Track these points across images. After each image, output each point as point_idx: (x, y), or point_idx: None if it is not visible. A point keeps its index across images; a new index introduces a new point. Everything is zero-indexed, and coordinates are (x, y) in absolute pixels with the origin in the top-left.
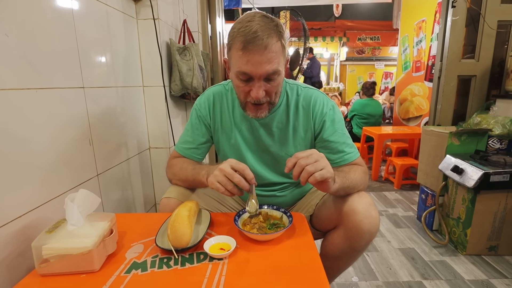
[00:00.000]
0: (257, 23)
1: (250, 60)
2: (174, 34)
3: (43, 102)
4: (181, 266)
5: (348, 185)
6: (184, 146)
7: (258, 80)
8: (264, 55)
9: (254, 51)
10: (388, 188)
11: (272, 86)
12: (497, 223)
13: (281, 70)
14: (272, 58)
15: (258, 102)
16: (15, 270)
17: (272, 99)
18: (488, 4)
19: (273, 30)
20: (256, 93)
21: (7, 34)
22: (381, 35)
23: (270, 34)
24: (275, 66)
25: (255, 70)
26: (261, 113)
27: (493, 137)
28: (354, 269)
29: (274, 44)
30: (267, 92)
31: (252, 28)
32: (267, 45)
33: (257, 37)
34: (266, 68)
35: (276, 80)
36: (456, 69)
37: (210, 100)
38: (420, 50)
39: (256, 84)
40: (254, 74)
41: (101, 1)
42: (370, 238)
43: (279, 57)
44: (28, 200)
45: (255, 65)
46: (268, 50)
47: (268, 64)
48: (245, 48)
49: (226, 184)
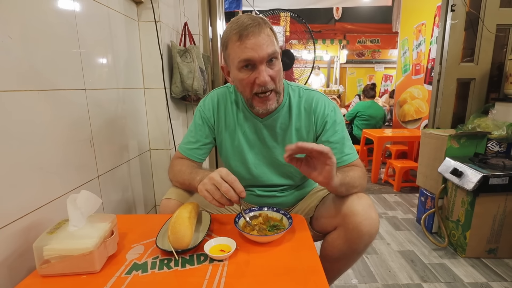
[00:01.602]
0: (246, 18)
1: (247, 45)
2: (175, 36)
3: (45, 103)
4: (182, 267)
5: (348, 181)
6: (186, 147)
7: (260, 63)
8: (261, 38)
9: (250, 36)
10: (387, 191)
11: (274, 71)
12: (496, 226)
13: (278, 53)
14: (268, 41)
15: (265, 90)
16: (16, 271)
17: (277, 87)
18: (487, 8)
19: (261, 19)
20: (262, 77)
21: (10, 36)
22: (381, 38)
23: (260, 23)
24: (273, 48)
25: (256, 53)
26: (270, 104)
27: (492, 140)
28: (353, 271)
29: (266, 30)
30: (271, 78)
31: (243, 21)
32: (260, 30)
33: (250, 25)
34: (266, 50)
35: (276, 64)
36: (455, 72)
37: (214, 101)
38: (420, 53)
39: (260, 68)
40: (255, 58)
41: (103, 4)
42: (369, 239)
43: (274, 40)
44: (30, 201)
45: (255, 49)
46: (262, 33)
47: (266, 46)
48: (241, 36)
49: (214, 193)
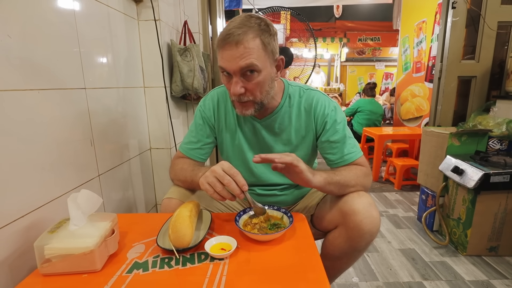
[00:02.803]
0: (236, 23)
1: (223, 55)
2: (175, 35)
3: (46, 102)
4: (182, 266)
5: (337, 180)
6: (188, 147)
7: (234, 75)
8: (235, 50)
9: (227, 47)
10: (388, 189)
11: (251, 84)
12: (498, 224)
13: (259, 67)
14: (245, 54)
15: (239, 100)
16: (17, 270)
17: (256, 99)
18: (488, 5)
19: (251, 27)
20: (233, 89)
21: (9, 35)
22: (382, 36)
23: (245, 31)
24: (249, 61)
25: (229, 65)
26: (245, 110)
27: (493, 138)
28: (354, 270)
29: (249, 40)
30: (247, 90)
31: (228, 27)
32: (238, 41)
33: (230, 34)
34: (238, 63)
35: (255, 77)
36: (456, 70)
37: (214, 101)
38: (421, 51)
39: (233, 80)
40: (228, 69)
41: (102, 3)
42: (370, 238)
43: (256, 53)
44: (30, 200)
45: (228, 60)
46: (239, 45)
47: (240, 59)
48: (220, 45)
49: (215, 185)
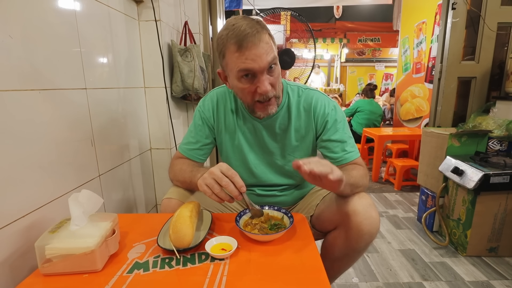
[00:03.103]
0: (242, 23)
1: (248, 56)
2: (175, 35)
3: (46, 103)
4: (183, 266)
5: (352, 182)
6: (187, 147)
7: (261, 73)
8: (261, 47)
9: (250, 46)
10: (388, 189)
11: (274, 78)
12: (497, 225)
13: (277, 59)
14: (268, 49)
15: (266, 97)
16: (18, 270)
17: (277, 92)
18: (488, 6)
19: (258, 25)
20: (264, 87)
21: (11, 36)
22: (382, 36)
23: (258, 29)
24: (273, 55)
25: (257, 64)
26: (271, 109)
27: (493, 138)
28: (354, 270)
29: (265, 36)
30: (272, 85)
31: (240, 28)
32: (260, 38)
33: (249, 34)
34: (266, 59)
35: (275, 71)
36: (456, 71)
37: (213, 101)
38: (421, 51)
39: (261, 78)
40: (256, 69)
41: (103, 3)
42: (370, 239)
43: (272, 46)
44: (31, 200)
45: (255, 60)
46: (262, 42)
47: (266, 55)
48: (240, 46)
49: (213, 187)
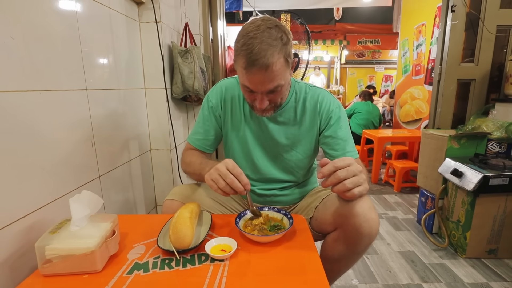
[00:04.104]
0: (260, 40)
1: (251, 79)
2: (176, 37)
3: (47, 104)
4: (183, 267)
5: None
6: (195, 137)
7: (262, 93)
8: (266, 76)
9: (255, 72)
10: (388, 191)
11: (275, 96)
12: (497, 226)
13: (283, 84)
14: (274, 77)
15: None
16: (18, 270)
17: (277, 104)
18: (487, 8)
19: (276, 46)
20: (259, 105)
21: (12, 37)
22: (381, 38)
23: (273, 53)
24: (277, 83)
25: (256, 88)
26: (266, 113)
27: (492, 140)
28: (354, 272)
29: (276, 62)
30: (271, 101)
31: (254, 48)
32: (267, 66)
33: (259, 60)
34: (267, 86)
35: (279, 92)
36: (455, 73)
37: (222, 91)
38: (420, 53)
39: (259, 97)
40: (256, 91)
41: (104, 4)
42: (369, 241)
43: (282, 73)
44: (31, 201)
45: (256, 85)
46: (269, 70)
47: (269, 83)
48: (247, 68)
49: (219, 182)
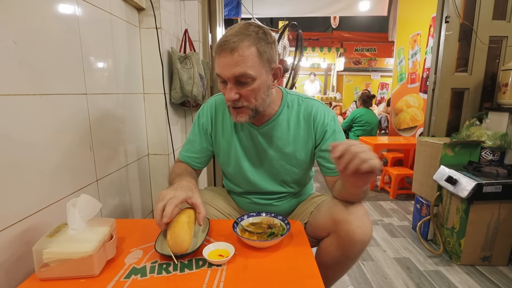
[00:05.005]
0: (233, 30)
1: (219, 62)
2: (175, 43)
3: (47, 107)
4: (180, 272)
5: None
6: (185, 154)
7: (229, 82)
8: (230, 58)
9: (222, 54)
10: (383, 198)
11: (246, 91)
12: (491, 234)
13: (253, 75)
14: (239, 62)
15: (234, 105)
16: (14, 274)
17: (251, 105)
18: (480, 20)
19: (247, 35)
20: (228, 96)
21: (15, 41)
22: (377, 46)
23: (242, 40)
24: (243, 70)
25: (223, 72)
26: (240, 117)
27: (486, 148)
28: (349, 278)
29: (245, 48)
30: (242, 96)
31: (226, 34)
32: (233, 48)
33: (226, 41)
34: (231, 70)
35: (249, 85)
36: (449, 82)
37: (212, 108)
38: (415, 62)
39: (228, 86)
40: (223, 76)
41: (105, 10)
42: (362, 247)
43: (250, 61)
44: (29, 204)
45: (223, 67)
46: (234, 53)
47: (234, 66)
48: (217, 51)
49: (156, 204)
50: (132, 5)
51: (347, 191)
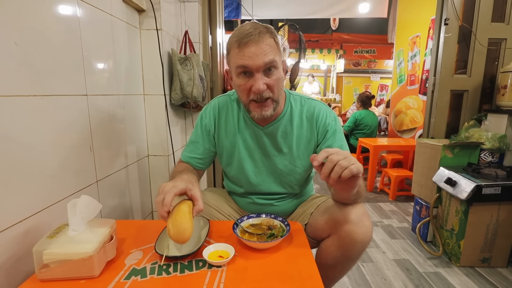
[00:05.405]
0: (249, 25)
1: (246, 53)
2: (175, 44)
3: (48, 108)
4: (180, 273)
5: (358, 190)
6: (187, 155)
7: (257, 72)
8: (259, 47)
9: (249, 44)
10: (383, 199)
11: (272, 80)
12: (490, 235)
13: (278, 63)
14: (267, 50)
15: (260, 98)
16: (14, 275)
17: (275, 96)
18: (479, 22)
19: (264, 29)
20: (257, 85)
21: (16, 43)
22: (377, 48)
23: (262, 31)
24: (271, 57)
25: (252, 62)
26: (266, 110)
27: (485, 150)
28: (349, 279)
29: (267, 39)
30: (268, 86)
31: (245, 28)
32: (259, 39)
33: (250, 33)
34: (262, 59)
35: (274, 74)
36: (449, 84)
37: (215, 109)
38: (415, 64)
39: (256, 76)
40: (252, 66)
41: (106, 11)
42: (363, 247)
43: (274, 50)
44: (29, 205)
45: (252, 57)
46: (261, 42)
47: (263, 55)
48: (240, 44)
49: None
50: (133, 7)
51: (339, 196)
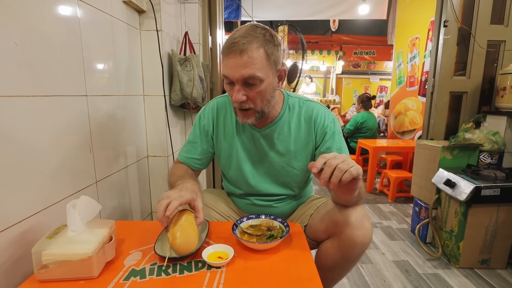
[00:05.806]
0: (241, 32)
1: (227, 63)
2: (175, 45)
3: (48, 109)
4: (180, 274)
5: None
6: (185, 155)
7: (236, 83)
8: (239, 59)
9: (231, 55)
10: (382, 201)
11: (253, 92)
12: (489, 237)
13: (261, 77)
14: (248, 63)
15: (241, 107)
16: (12, 276)
17: (257, 107)
18: (478, 24)
19: (256, 37)
20: (235, 97)
21: (16, 43)
22: (376, 50)
23: (251, 41)
24: (252, 71)
25: (231, 73)
26: (247, 119)
27: (484, 152)
28: (348, 281)
29: (253, 50)
30: (249, 98)
31: (233, 36)
32: (242, 50)
33: (235, 43)
34: (241, 72)
35: (257, 86)
36: (448, 86)
37: (214, 109)
38: (414, 65)
39: (235, 88)
40: (231, 77)
41: (106, 12)
42: (362, 249)
43: (259, 63)
44: (28, 206)
45: (231, 68)
46: (243, 54)
47: (243, 68)
48: (225, 53)
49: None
50: (133, 8)
51: (340, 199)
